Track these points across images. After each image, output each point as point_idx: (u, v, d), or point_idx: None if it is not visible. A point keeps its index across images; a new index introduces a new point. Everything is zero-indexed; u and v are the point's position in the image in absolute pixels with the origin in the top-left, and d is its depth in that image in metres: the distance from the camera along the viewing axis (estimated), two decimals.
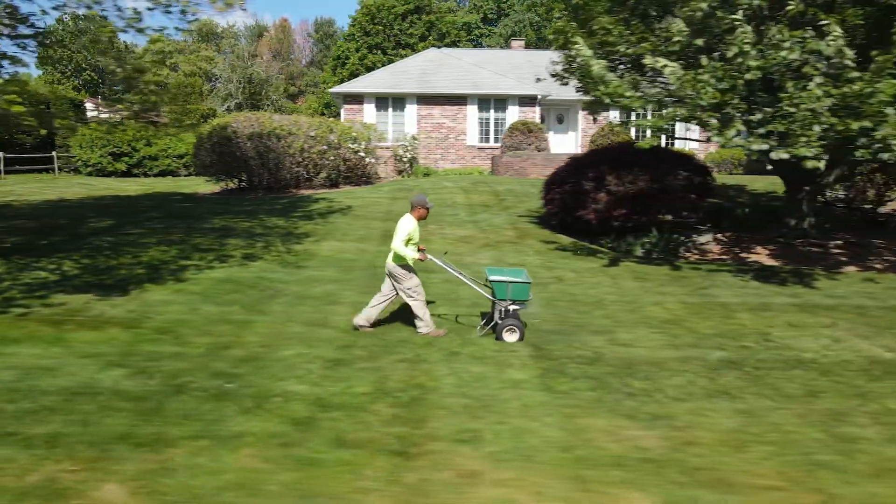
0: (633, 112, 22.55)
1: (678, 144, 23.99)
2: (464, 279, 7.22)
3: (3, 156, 25.37)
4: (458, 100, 24.07)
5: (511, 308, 6.77)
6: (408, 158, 23.29)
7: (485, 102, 24.23)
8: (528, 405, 5.22)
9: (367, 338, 6.74)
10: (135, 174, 25.97)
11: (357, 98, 23.88)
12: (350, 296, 8.35)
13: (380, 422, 4.88)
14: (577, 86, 11.90)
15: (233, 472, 4.08)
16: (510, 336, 6.69)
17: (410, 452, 4.42)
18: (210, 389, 5.35)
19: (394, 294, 6.93)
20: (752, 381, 5.86)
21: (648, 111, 11.91)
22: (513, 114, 24.14)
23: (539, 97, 23.92)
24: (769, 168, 13.72)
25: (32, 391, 5.19)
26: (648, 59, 8.85)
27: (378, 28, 43.98)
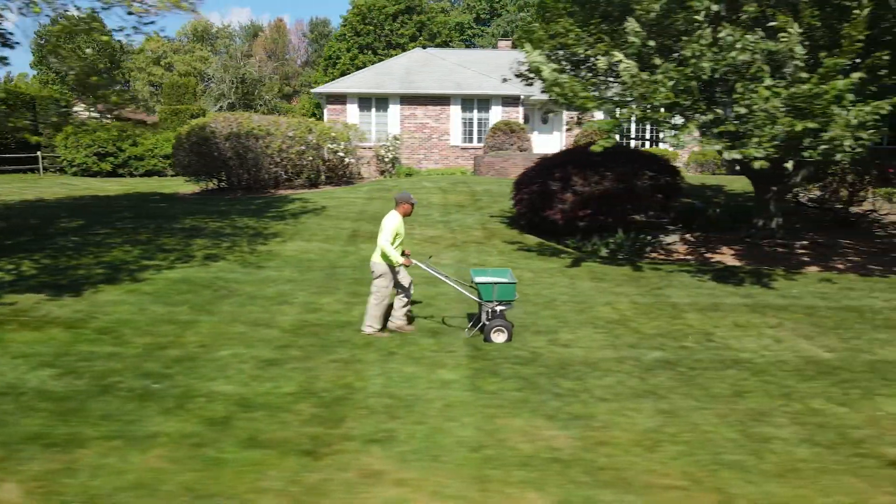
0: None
1: (662, 146, 24.00)
2: (449, 282, 7.26)
3: None
4: (442, 100, 24.08)
5: (498, 309, 6.80)
6: (390, 158, 23.29)
7: (468, 102, 24.24)
8: (451, 405, 5.24)
9: (308, 337, 6.76)
10: (120, 174, 25.93)
11: (340, 98, 23.89)
12: (302, 296, 8.36)
13: (299, 421, 4.91)
14: (542, 86, 11.91)
15: (136, 473, 4.11)
16: (498, 336, 6.73)
17: (320, 452, 4.44)
18: (136, 390, 5.37)
19: (404, 285, 6.93)
20: (683, 382, 5.88)
21: (604, 112, 11.92)
22: (496, 114, 24.16)
23: (522, 97, 23.92)
24: (737, 169, 13.74)
25: None
26: (602, 59, 8.88)
27: (369, 28, 43.97)
